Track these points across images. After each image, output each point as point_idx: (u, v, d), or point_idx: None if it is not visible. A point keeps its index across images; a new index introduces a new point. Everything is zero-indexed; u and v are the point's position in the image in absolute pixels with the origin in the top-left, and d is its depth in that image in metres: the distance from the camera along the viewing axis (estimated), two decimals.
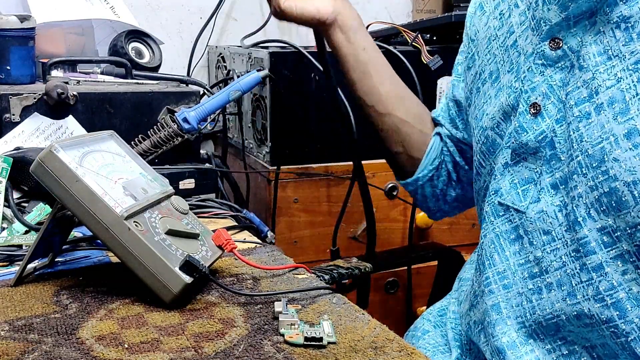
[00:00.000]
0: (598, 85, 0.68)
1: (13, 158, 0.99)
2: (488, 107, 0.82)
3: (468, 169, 0.97)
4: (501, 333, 0.77)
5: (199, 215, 1.06)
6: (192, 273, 0.70)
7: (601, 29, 0.68)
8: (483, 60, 0.85)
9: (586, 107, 0.69)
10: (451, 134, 0.97)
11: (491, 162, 0.82)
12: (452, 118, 0.97)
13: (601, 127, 0.67)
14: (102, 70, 1.44)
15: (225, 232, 0.80)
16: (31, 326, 0.66)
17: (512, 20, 0.80)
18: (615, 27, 0.67)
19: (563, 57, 0.71)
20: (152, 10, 1.86)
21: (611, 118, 0.67)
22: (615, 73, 0.67)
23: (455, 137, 0.97)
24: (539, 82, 0.73)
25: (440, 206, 1.02)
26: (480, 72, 0.86)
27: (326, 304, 0.74)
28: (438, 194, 0.99)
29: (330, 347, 0.64)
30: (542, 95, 0.72)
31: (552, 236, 0.73)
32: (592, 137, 0.68)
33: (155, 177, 0.82)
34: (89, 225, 0.71)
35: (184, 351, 0.62)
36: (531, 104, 0.73)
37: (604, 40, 0.68)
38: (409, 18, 2.09)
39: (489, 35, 0.85)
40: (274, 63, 1.47)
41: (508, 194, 0.76)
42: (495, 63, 0.82)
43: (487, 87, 0.83)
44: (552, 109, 0.71)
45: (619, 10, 0.67)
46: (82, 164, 0.72)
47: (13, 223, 0.93)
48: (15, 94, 1.15)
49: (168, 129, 1.21)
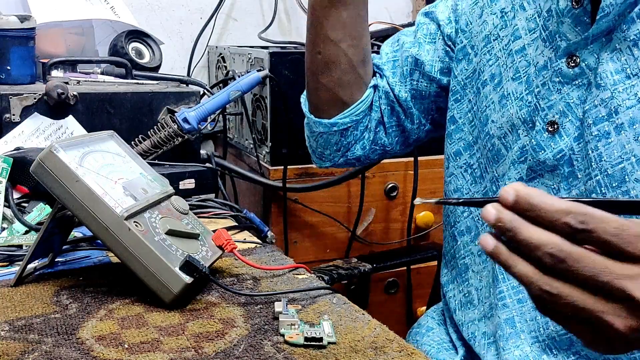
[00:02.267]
0: (618, 104, 0.67)
1: (13, 158, 0.99)
2: (493, 114, 0.80)
3: (392, 131, 0.93)
4: (514, 347, 0.77)
5: (199, 215, 1.06)
6: (192, 273, 0.70)
7: (617, 46, 0.67)
8: (482, 59, 0.83)
9: (605, 126, 0.68)
10: (392, 89, 0.91)
11: (494, 170, 0.81)
12: (403, 75, 0.91)
13: (621, 147, 0.67)
14: (102, 70, 1.44)
15: (225, 232, 0.80)
16: (31, 326, 0.66)
17: (517, 23, 0.78)
18: (632, 45, 0.66)
19: (580, 74, 0.70)
20: (152, 10, 1.86)
21: (632, 139, 0.66)
22: (635, 92, 0.66)
23: (394, 96, 0.91)
24: (556, 100, 0.71)
25: (334, 158, 0.95)
26: (479, 71, 0.83)
27: (326, 304, 0.74)
28: (342, 145, 0.93)
29: (331, 347, 0.64)
30: (559, 114, 0.71)
31: None
32: (611, 157, 0.67)
33: (156, 177, 0.83)
34: (89, 225, 0.71)
35: (184, 351, 0.62)
36: (548, 122, 0.72)
37: (622, 58, 0.67)
38: (409, 18, 2.09)
39: (488, 33, 0.82)
40: (274, 63, 1.47)
41: None
42: (497, 66, 0.80)
43: (489, 90, 0.81)
44: (570, 127, 0.70)
45: (637, 28, 0.66)
46: (82, 164, 0.72)
47: (13, 223, 0.93)
48: (16, 94, 1.15)
49: (168, 129, 1.21)
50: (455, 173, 0.88)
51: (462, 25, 0.87)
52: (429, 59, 0.90)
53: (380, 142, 0.94)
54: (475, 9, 0.85)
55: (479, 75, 0.83)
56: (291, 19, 2.00)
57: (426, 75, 0.90)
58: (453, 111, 0.88)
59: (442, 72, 0.89)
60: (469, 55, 0.85)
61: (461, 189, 0.87)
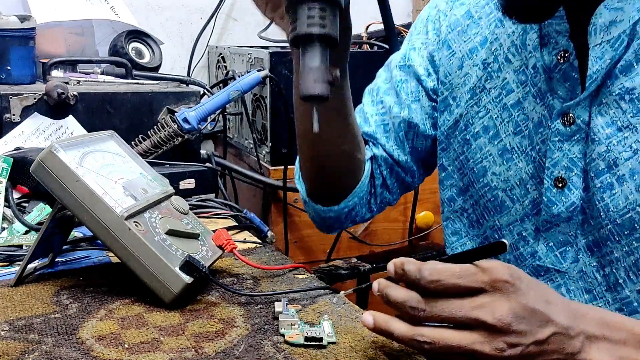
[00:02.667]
0: (615, 157, 0.68)
1: (13, 158, 0.99)
2: (493, 166, 0.80)
3: (395, 189, 0.93)
4: None
5: (199, 215, 1.06)
6: (192, 273, 0.70)
7: (604, 101, 0.68)
8: (469, 111, 0.82)
9: (607, 179, 0.69)
10: (391, 155, 0.90)
11: (496, 220, 0.81)
12: (400, 139, 0.90)
13: (625, 198, 0.68)
14: (102, 70, 1.44)
15: (225, 232, 0.80)
16: (31, 326, 0.66)
17: (506, 76, 0.78)
18: (619, 99, 0.68)
19: (577, 130, 0.71)
20: (152, 10, 1.86)
21: (634, 189, 0.67)
22: (630, 145, 0.67)
23: (394, 160, 0.90)
24: (559, 157, 0.72)
25: (342, 226, 0.94)
26: (466, 122, 0.82)
27: (326, 304, 0.74)
28: (350, 217, 0.92)
29: (331, 347, 0.64)
30: (564, 169, 0.72)
31: (593, 295, 0.74)
32: (618, 207, 0.69)
33: (156, 177, 0.83)
34: (89, 225, 0.71)
35: (184, 351, 0.62)
36: (555, 179, 0.73)
37: (610, 111, 0.68)
38: (409, 18, 2.09)
39: (473, 85, 0.82)
40: (274, 63, 1.47)
41: (546, 257, 0.76)
42: (490, 119, 0.80)
43: (483, 142, 0.81)
44: (577, 180, 0.71)
45: (620, 83, 0.67)
46: (82, 164, 0.72)
47: (13, 223, 0.93)
48: (16, 94, 1.15)
49: (168, 129, 1.21)
50: (451, 217, 0.88)
51: (442, 76, 0.86)
52: (419, 119, 0.88)
53: (385, 200, 0.95)
54: (453, 60, 0.84)
55: (465, 126, 0.83)
56: None
57: (421, 134, 0.89)
58: (442, 159, 0.88)
59: (434, 127, 0.89)
60: (450, 106, 0.85)
61: (460, 232, 0.88)
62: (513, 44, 0.77)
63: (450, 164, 0.86)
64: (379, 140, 0.91)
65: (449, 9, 0.86)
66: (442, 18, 0.86)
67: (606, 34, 0.66)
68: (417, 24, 0.90)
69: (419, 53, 0.88)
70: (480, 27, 0.81)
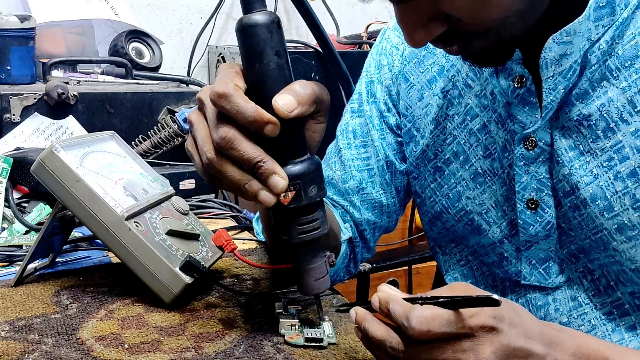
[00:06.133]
0: (577, 181, 0.68)
1: (13, 158, 0.99)
2: (467, 191, 0.79)
3: (374, 242, 0.93)
4: None
5: (199, 215, 1.06)
6: (193, 273, 0.70)
7: (565, 125, 0.68)
8: (435, 141, 0.81)
9: (573, 200, 0.70)
10: (378, 204, 0.88)
11: (477, 241, 0.81)
12: (387, 182, 0.88)
13: (591, 221, 0.69)
14: (102, 70, 1.44)
15: (225, 232, 0.80)
16: (31, 326, 0.66)
17: (468, 101, 0.77)
18: (577, 124, 0.68)
19: (541, 152, 0.71)
20: (152, 10, 1.86)
21: (598, 214, 0.68)
22: (590, 169, 0.67)
23: (381, 206, 0.88)
24: (527, 180, 0.72)
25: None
26: (435, 151, 0.82)
27: (326, 304, 0.74)
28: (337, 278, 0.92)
29: (331, 347, 0.64)
30: (535, 191, 0.72)
31: (578, 302, 0.74)
32: (588, 227, 0.69)
33: (156, 178, 0.83)
34: (90, 225, 0.71)
35: (184, 351, 0.62)
36: (527, 201, 0.73)
37: (572, 135, 0.68)
38: None
39: (435, 115, 0.80)
40: None
41: (531, 275, 0.76)
42: (458, 144, 0.79)
43: (455, 168, 0.80)
44: (548, 199, 0.72)
45: (577, 109, 0.67)
46: (82, 164, 0.72)
47: (13, 223, 0.93)
48: (16, 94, 1.15)
49: (168, 129, 1.21)
50: (435, 237, 0.88)
51: (402, 109, 0.85)
52: (393, 156, 0.87)
53: (364, 258, 0.94)
54: (412, 93, 0.83)
55: (435, 155, 0.82)
56: (291, 19, 2.00)
57: (398, 171, 0.87)
58: (415, 187, 0.87)
59: (403, 160, 0.87)
60: (415, 137, 0.84)
61: (444, 248, 0.87)
62: (471, 69, 0.77)
63: (422, 191, 0.85)
64: (363, 196, 0.88)
65: (400, 42, 0.85)
66: (394, 52, 0.85)
67: (557, 66, 0.65)
68: (372, 55, 0.89)
69: (379, 83, 0.87)
70: (437, 57, 0.80)
